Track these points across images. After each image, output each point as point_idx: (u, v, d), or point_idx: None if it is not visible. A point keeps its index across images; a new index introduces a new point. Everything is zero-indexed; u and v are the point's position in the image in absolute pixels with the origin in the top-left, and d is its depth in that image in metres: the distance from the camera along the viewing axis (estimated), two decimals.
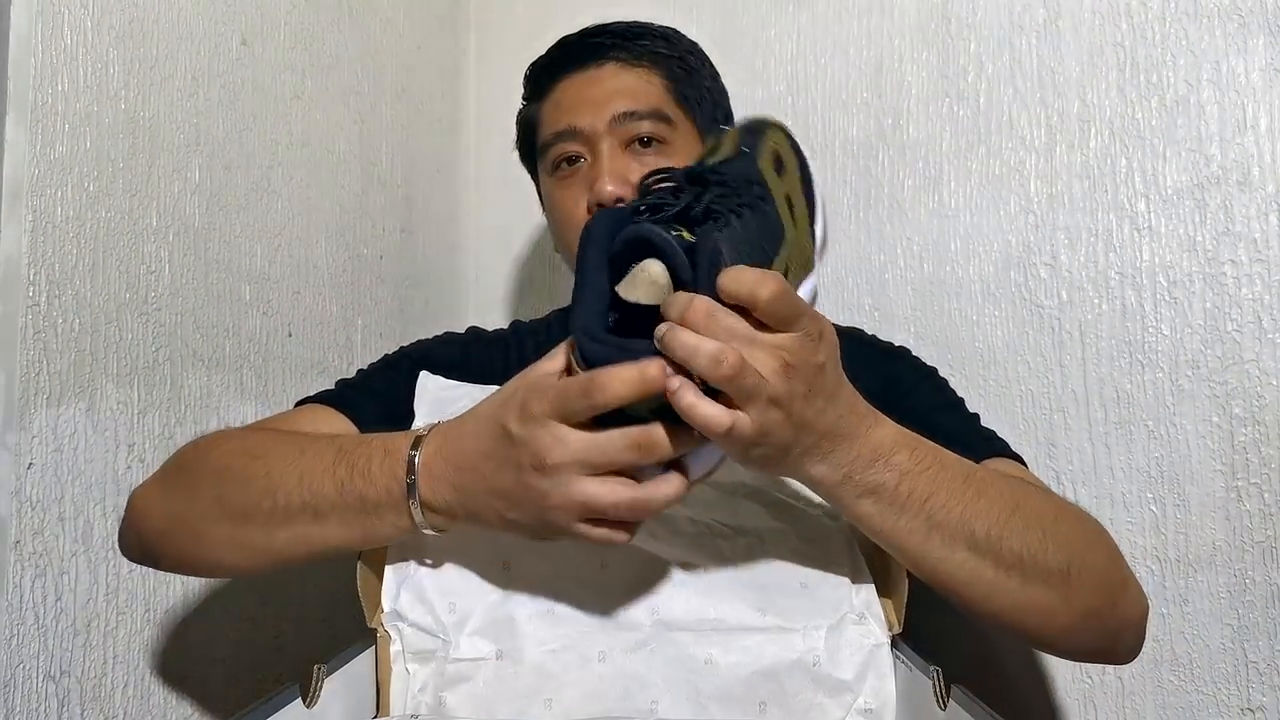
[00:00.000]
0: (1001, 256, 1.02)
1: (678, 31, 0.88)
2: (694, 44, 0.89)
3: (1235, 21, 0.92)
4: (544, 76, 0.86)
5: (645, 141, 0.81)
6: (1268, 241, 0.91)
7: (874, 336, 0.90)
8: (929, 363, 0.88)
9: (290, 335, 0.95)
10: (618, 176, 0.79)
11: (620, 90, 0.81)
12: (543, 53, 0.89)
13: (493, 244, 1.32)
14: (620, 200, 0.78)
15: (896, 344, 0.89)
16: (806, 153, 0.65)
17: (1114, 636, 0.65)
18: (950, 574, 0.58)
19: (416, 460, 0.57)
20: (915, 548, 0.57)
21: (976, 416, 0.82)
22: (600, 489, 0.52)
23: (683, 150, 0.82)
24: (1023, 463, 0.76)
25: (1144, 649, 0.92)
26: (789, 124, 1.07)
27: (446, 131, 1.27)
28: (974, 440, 0.77)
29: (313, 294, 0.99)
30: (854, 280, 1.10)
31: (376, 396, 0.76)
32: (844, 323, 1.07)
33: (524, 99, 0.90)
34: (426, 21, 1.22)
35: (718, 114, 0.87)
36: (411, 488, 0.57)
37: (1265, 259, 0.91)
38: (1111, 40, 0.98)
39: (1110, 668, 0.94)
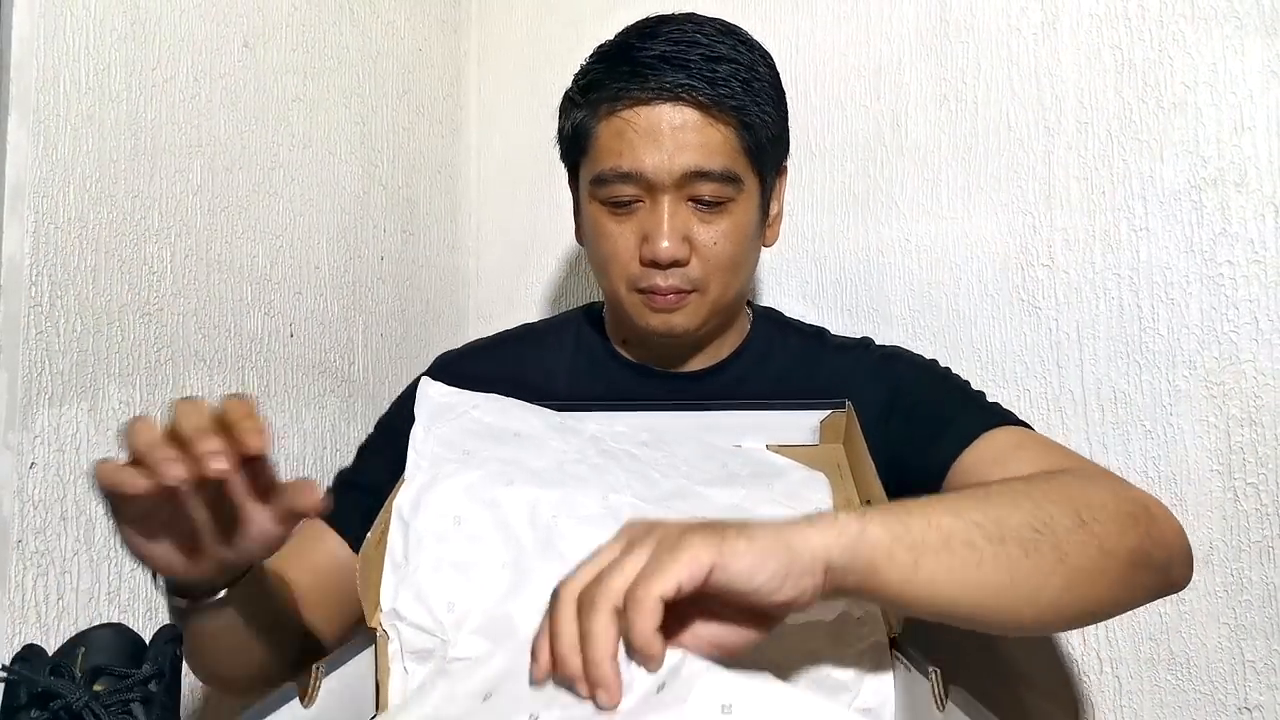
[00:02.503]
0: (999, 257, 1.02)
1: (753, 51, 0.80)
2: (771, 67, 0.82)
3: (1232, 23, 0.93)
4: (609, 90, 0.78)
5: (709, 198, 0.78)
6: (1264, 242, 0.91)
7: (869, 340, 0.90)
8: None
9: (292, 335, 0.96)
10: (677, 236, 0.77)
11: (694, 144, 0.76)
12: (609, 46, 0.81)
13: (493, 244, 1.32)
14: (677, 263, 0.77)
15: (890, 346, 0.89)
16: None
17: (1163, 570, 0.62)
18: (993, 584, 0.53)
19: None
20: (932, 583, 0.52)
21: (981, 394, 0.82)
22: None
23: (743, 209, 0.79)
24: (1030, 428, 0.76)
25: (1141, 648, 0.93)
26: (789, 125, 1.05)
27: (447, 133, 1.28)
28: (975, 412, 0.78)
29: (314, 294, 0.99)
30: (853, 280, 1.10)
31: (361, 490, 0.77)
32: (844, 324, 1.08)
33: (579, 93, 0.81)
34: (427, 23, 1.22)
35: (780, 155, 0.84)
36: None
37: (1262, 260, 0.91)
38: (1109, 42, 0.98)
39: (1108, 667, 0.94)
